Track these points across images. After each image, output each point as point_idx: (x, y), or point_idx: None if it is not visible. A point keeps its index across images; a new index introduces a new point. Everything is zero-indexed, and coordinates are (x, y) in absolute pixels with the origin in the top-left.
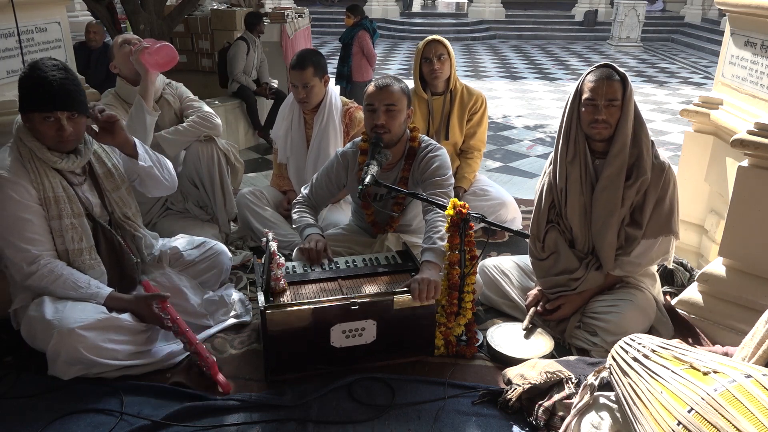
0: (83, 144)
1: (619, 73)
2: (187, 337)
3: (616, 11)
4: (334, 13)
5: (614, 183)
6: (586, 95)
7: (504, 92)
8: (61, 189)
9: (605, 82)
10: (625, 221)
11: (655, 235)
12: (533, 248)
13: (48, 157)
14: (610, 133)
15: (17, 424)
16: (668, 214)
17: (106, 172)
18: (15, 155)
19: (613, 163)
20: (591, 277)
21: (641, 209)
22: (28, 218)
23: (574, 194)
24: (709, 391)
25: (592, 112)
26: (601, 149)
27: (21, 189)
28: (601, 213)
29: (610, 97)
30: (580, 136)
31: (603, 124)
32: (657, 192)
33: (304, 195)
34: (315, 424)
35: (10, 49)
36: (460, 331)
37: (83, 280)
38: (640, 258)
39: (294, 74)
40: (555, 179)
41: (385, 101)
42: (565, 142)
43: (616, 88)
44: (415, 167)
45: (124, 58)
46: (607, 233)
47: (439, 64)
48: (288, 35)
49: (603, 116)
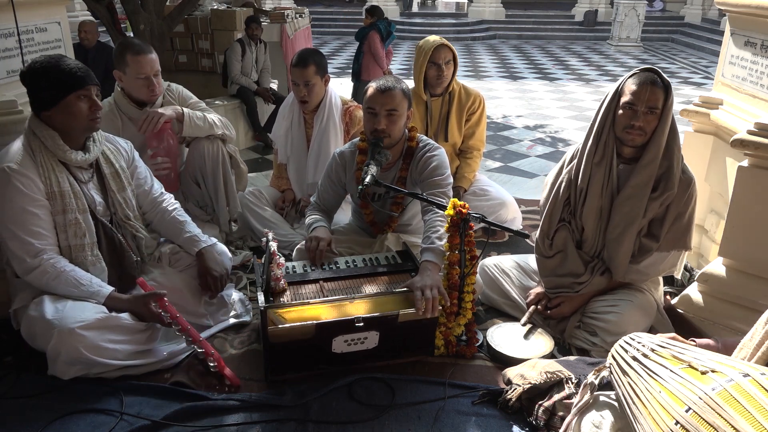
0: (92, 141)
1: (664, 81)
2: (190, 335)
3: (616, 11)
4: (334, 13)
5: (640, 193)
6: (626, 98)
7: (504, 92)
8: (68, 184)
9: (648, 88)
10: (642, 232)
11: (669, 248)
12: (540, 244)
13: (60, 146)
14: (644, 140)
15: (17, 424)
16: (685, 228)
17: (114, 173)
18: (26, 148)
19: (643, 172)
20: (595, 282)
21: (661, 222)
22: (35, 211)
23: (593, 196)
24: (706, 390)
25: (630, 116)
26: (628, 155)
27: (29, 182)
28: (620, 221)
29: (651, 105)
30: (611, 139)
31: (638, 131)
32: (679, 207)
33: (313, 202)
34: (315, 424)
35: (10, 49)
36: (460, 331)
37: (85, 277)
38: (649, 269)
39: (295, 72)
40: (577, 178)
41: (387, 106)
42: (594, 142)
43: (658, 95)
44: (413, 167)
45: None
46: (623, 242)
47: (447, 69)
48: (288, 35)
49: (640, 122)
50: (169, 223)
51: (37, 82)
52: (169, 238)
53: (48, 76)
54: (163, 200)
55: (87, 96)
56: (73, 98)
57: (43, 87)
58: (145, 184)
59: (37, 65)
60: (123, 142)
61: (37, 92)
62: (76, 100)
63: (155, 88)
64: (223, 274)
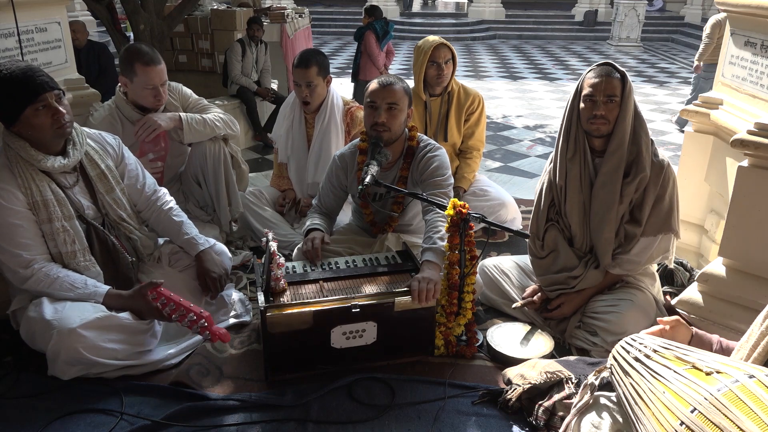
0: (72, 146)
1: (619, 71)
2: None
3: (616, 11)
4: (334, 13)
5: (612, 179)
6: (586, 91)
7: (504, 92)
8: (50, 192)
9: (604, 79)
10: (624, 219)
11: (655, 232)
12: (533, 246)
13: (33, 156)
14: (608, 129)
15: (17, 424)
16: (668, 211)
17: (99, 174)
18: (2, 160)
19: (611, 159)
20: (590, 275)
21: (640, 207)
22: (18, 224)
23: (573, 192)
24: (712, 391)
25: (591, 107)
26: (600, 147)
27: (8, 194)
28: (599, 209)
29: (609, 93)
30: (580, 134)
31: (601, 120)
32: (656, 190)
33: (314, 204)
34: (315, 424)
35: (10, 49)
36: (460, 331)
37: (79, 280)
38: (640, 256)
39: (297, 72)
40: (555, 177)
41: (388, 99)
42: (565, 139)
43: (615, 84)
44: (413, 167)
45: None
46: (604, 229)
47: (446, 69)
48: (288, 35)
49: (601, 111)
50: (166, 223)
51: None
52: (167, 237)
53: (2, 91)
54: (157, 198)
55: (45, 106)
56: (30, 112)
57: (1, 103)
58: (137, 181)
59: None
60: (110, 137)
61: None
62: (34, 113)
63: (161, 97)
64: (222, 275)
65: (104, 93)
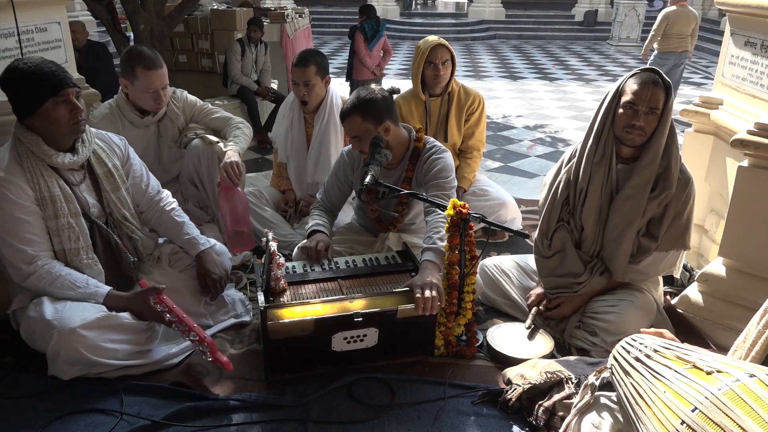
0: (81, 142)
1: (665, 81)
2: (186, 324)
3: (616, 11)
4: (334, 13)
5: (639, 193)
6: (627, 98)
7: (504, 92)
8: (58, 188)
9: (650, 88)
10: (641, 231)
11: (668, 248)
12: (539, 245)
13: (44, 150)
14: (643, 140)
15: (17, 424)
16: (684, 228)
17: (107, 173)
18: (12, 155)
19: (643, 172)
20: (595, 282)
21: (659, 222)
22: (25, 219)
23: (593, 196)
24: (713, 390)
25: (631, 116)
26: (627, 155)
27: (17, 189)
28: (619, 221)
29: (652, 105)
30: (611, 139)
31: (638, 131)
32: (677, 206)
33: (318, 199)
34: (315, 424)
35: (10, 49)
36: (460, 331)
37: (81, 279)
38: (649, 269)
39: (296, 72)
40: (577, 177)
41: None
42: (595, 141)
43: (659, 96)
44: (418, 168)
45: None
46: (622, 242)
47: (444, 69)
48: (288, 35)
49: (641, 122)
50: (168, 223)
51: (14, 90)
52: (168, 238)
53: (24, 83)
54: (160, 199)
55: (65, 101)
56: (50, 105)
57: (21, 95)
58: (141, 182)
59: (13, 73)
60: (117, 138)
61: (15, 100)
62: (54, 106)
63: (162, 100)
64: (222, 275)
65: (104, 93)
